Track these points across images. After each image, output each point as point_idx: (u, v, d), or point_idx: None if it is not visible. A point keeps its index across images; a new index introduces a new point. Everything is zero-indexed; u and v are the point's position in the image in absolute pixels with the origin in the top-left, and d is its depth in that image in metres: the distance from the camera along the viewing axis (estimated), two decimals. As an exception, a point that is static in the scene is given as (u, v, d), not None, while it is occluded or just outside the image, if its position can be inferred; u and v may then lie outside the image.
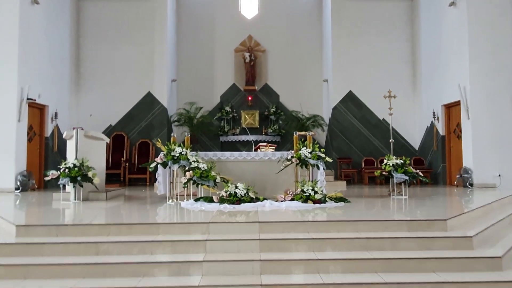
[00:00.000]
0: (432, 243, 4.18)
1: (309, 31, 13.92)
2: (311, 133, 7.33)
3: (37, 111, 10.41)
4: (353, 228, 4.40)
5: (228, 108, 13.58)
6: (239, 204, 5.89)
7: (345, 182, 10.78)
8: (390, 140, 8.16)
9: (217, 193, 6.20)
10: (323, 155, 6.61)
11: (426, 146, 11.80)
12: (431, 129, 11.44)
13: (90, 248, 4.05)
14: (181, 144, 6.76)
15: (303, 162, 6.54)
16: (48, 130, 10.74)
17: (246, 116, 13.73)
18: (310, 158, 6.53)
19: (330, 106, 12.74)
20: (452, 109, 10.61)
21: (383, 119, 12.44)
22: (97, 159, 7.30)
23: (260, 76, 13.90)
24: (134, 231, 4.35)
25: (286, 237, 4.23)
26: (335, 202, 6.16)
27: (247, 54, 13.72)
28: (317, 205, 5.97)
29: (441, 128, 10.98)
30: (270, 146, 7.67)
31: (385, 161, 7.30)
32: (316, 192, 6.15)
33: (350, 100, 12.54)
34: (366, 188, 10.40)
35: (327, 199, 6.16)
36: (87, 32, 12.49)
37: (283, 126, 13.53)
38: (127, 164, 11.74)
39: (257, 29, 13.90)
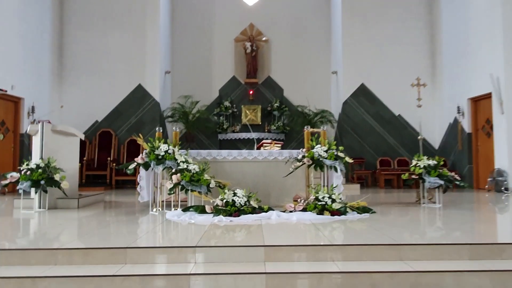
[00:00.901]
0: (508, 280, 2.95)
1: (316, 19, 12.70)
2: (325, 127, 6.10)
3: (10, 104, 9.21)
4: (396, 255, 3.18)
5: (227, 103, 12.39)
6: (238, 215, 4.67)
7: (358, 186, 9.59)
8: (419, 137, 6.93)
9: (211, 201, 4.99)
10: (342, 155, 5.39)
11: (449, 145, 10.56)
12: (454, 126, 10.20)
13: (24, 285, 2.84)
14: (167, 141, 5.53)
15: (317, 163, 5.32)
16: (24, 126, 9.50)
17: (247, 112, 12.52)
18: (325, 158, 5.31)
19: (340, 101, 11.53)
20: (480, 102, 9.38)
21: (399, 115, 11.23)
22: (68, 159, 6.09)
23: (262, 68, 12.69)
24: (91, 259, 3.13)
25: (304, 269, 3.01)
26: (358, 213, 4.94)
27: (248, 44, 12.53)
28: (336, 217, 4.75)
29: (466, 124, 9.74)
30: (275, 143, 6.46)
31: (414, 162, 6.07)
32: (334, 201, 4.93)
33: (362, 93, 11.32)
34: (382, 192, 9.18)
35: (347, 209, 4.94)
36: (71, 18, 11.28)
37: (287, 123, 12.33)
38: (115, 164, 10.51)
39: (259, 17, 12.72)
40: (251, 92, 12.53)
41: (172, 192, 4.99)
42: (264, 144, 6.48)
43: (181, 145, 5.78)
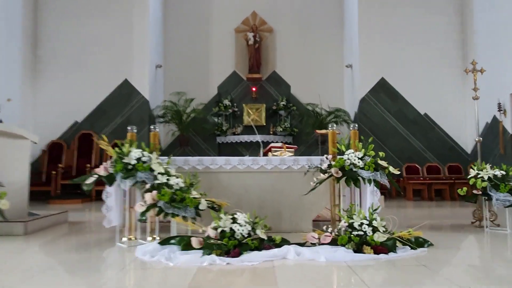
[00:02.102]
0: None
1: (327, 5, 11.29)
2: (355, 127, 4.61)
3: (-31, 101, 7.75)
4: None
5: (227, 102, 10.94)
6: (239, 254, 3.17)
7: (382, 197, 8.06)
8: (476, 138, 5.42)
9: (201, 230, 3.50)
10: (384, 164, 3.90)
11: (486, 149, 9.02)
12: (493, 126, 8.70)
13: None
14: (142, 145, 4.05)
15: (350, 176, 3.83)
16: (-14, 127, 8.05)
17: (250, 112, 11.07)
18: (361, 167, 3.82)
19: (356, 98, 10.05)
20: (527, 98, 7.90)
21: (425, 114, 9.76)
22: (13, 169, 4.62)
23: (266, 62, 11.25)
24: None
25: None
26: (411, 248, 3.44)
27: (250, 35, 11.11)
28: (382, 255, 3.25)
29: (509, 124, 8.25)
30: (287, 148, 4.97)
31: (473, 172, 4.58)
32: (375, 229, 3.43)
33: (382, 89, 9.85)
34: (412, 206, 7.68)
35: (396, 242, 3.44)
36: (47, 4, 9.83)
37: (295, 124, 10.86)
38: (96, 172, 9.01)
39: (262, 4, 11.33)
40: (254, 89, 11.09)
41: (143, 218, 3.49)
42: (273, 149, 5.00)
43: (173, 151, 4.32)
